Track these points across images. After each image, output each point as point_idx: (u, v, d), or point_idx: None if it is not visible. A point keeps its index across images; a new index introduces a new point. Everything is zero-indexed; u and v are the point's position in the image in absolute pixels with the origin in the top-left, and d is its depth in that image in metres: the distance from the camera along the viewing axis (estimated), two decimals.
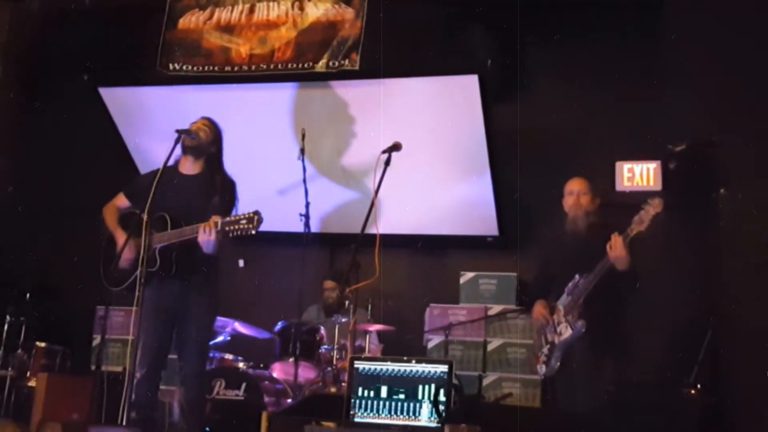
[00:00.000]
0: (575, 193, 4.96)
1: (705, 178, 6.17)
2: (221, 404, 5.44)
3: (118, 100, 7.32)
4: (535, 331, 5.01)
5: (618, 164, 6.63)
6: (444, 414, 3.33)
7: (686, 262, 6.06)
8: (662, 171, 6.49)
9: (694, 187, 6.18)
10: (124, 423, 4.04)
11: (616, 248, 4.51)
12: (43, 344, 6.16)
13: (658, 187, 6.47)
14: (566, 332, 4.66)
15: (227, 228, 4.30)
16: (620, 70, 6.59)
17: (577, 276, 4.70)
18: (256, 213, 4.26)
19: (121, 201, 4.96)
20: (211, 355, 5.78)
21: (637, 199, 6.32)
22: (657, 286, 5.84)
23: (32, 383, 5.83)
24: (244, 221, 4.27)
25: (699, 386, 4.53)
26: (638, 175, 6.57)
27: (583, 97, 6.71)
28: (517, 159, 6.74)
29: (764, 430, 4.51)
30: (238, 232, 4.27)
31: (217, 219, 4.33)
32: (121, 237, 4.66)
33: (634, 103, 6.56)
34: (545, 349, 4.78)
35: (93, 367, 6.38)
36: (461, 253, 7.15)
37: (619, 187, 6.60)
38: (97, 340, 7.01)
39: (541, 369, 4.79)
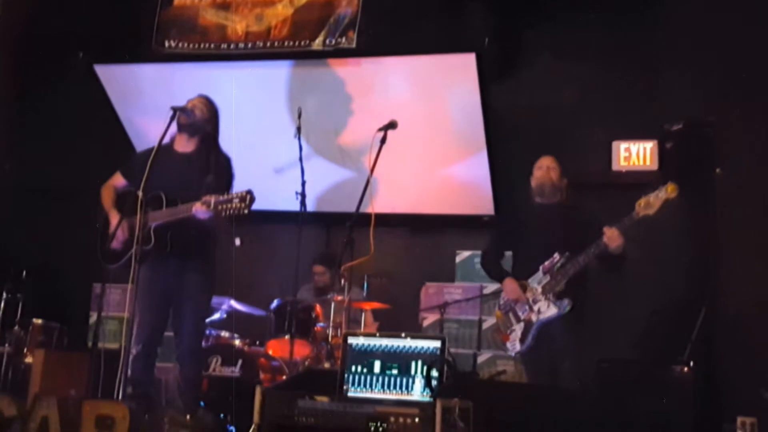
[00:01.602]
0: (544, 167, 4.99)
1: (701, 157, 6.20)
2: (217, 381, 5.49)
3: (114, 77, 7.32)
4: (500, 308, 5.01)
5: (614, 144, 6.64)
6: (436, 389, 3.37)
7: (682, 241, 6.10)
8: (659, 150, 6.50)
9: (691, 166, 6.21)
10: (120, 398, 4.08)
11: (613, 240, 4.53)
12: (39, 321, 6.19)
13: (655, 166, 6.49)
14: (549, 311, 4.68)
15: (220, 207, 4.32)
16: (617, 49, 6.61)
17: (556, 255, 4.72)
18: (249, 192, 4.28)
19: (119, 180, 4.98)
20: (207, 332, 5.82)
21: (635, 178, 6.43)
22: (652, 264, 5.90)
23: (29, 359, 5.88)
24: (236, 200, 4.29)
25: (692, 363, 4.56)
26: (635, 154, 6.58)
27: (580, 77, 6.71)
28: (513, 138, 6.77)
29: (757, 406, 4.56)
30: (231, 212, 4.29)
31: (209, 198, 4.35)
32: (115, 218, 4.69)
33: (631, 82, 6.57)
34: (518, 327, 4.80)
35: (89, 344, 6.42)
36: (457, 232, 7.17)
37: (615, 167, 6.62)
38: (93, 317, 7.05)
39: (514, 346, 4.80)
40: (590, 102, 6.69)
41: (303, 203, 5.62)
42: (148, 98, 7.17)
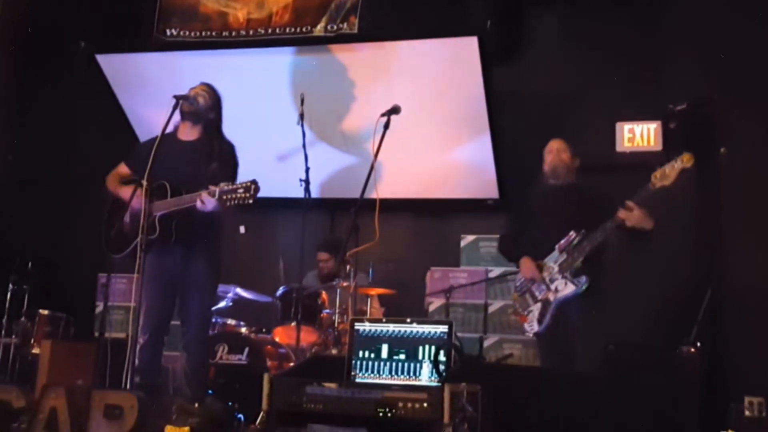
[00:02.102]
0: (554, 150, 5.02)
1: (706, 137, 6.17)
2: (224, 369, 5.50)
3: (116, 67, 7.30)
4: (517, 290, 5.03)
5: (618, 125, 6.62)
6: (444, 374, 3.37)
7: (686, 221, 6.08)
8: (663, 131, 6.48)
9: (695, 146, 6.15)
10: (128, 387, 4.09)
11: (633, 213, 4.52)
12: (46, 312, 6.19)
13: (659, 147, 6.47)
14: (566, 288, 4.68)
15: (224, 197, 4.31)
16: (620, 29, 6.57)
17: (572, 233, 4.72)
18: (254, 182, 4.27)
19: (123, 170, 4.98)
20: (213, 320, 5.83)
21: (639, 159, 6.40)
22: (657, 245, 5.87)
23: (36, 350, 5.90)
24: (241, 190, 4.28)
25: (699, 344, 4.56)
26: (638, 135, 6.56)
27: (583, 58, 6.69)
28: (516, 121, 6.75)
29: (764, 386, 4.56)
30: (236, 202, 4.28)
31: (214, 188, 4.34)
32: (126, 191, 4.67)
33: (634, 63, 6.54)
34: (535, 307, 4.81)
35: (96, 334, 6.44)
36: (462, 216, 7.16)
37: (619, 148, 6.60)
38: (99, 307, 7.05)
39: (532, 327, 4.82)
40: (593, 83, 6.67)
41: (307, 190, 5.61)
42: (150, 87, 7.16)
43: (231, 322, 6.11)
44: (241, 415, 4.97)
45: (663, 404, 3.78)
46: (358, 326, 3.67)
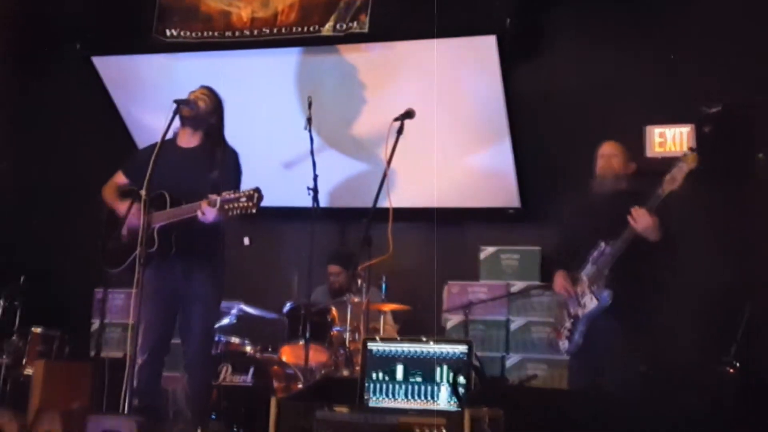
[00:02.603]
0: (606, 155, 4.99)
1: (742, 141, 6.13)
2: (228, 391, 5.46)
3: (113, 69, 7.33)
4: (557, 304, 5.02)
5: (648, 128, 6.56)
6: (464, 397, 3.33)
7: (722, 231, 6.02)
8: (696, 135, 6.42)
9: (730, 151, 6.13)
10: (125, 411, 4.06)
11: (640, 220, 4.50)
12: (39, 329, 6.19)
13: None
14: (591, 304, 4.65)
15: (226, 206, 4.29)
16: (648, 26, 6.52)
17: (602, 243, 4.69)
18: (257, 190, 4.26)
19: (120, 179, 4.99)
20: (216, 338, 5.80)
21: (670, 165, 6.34)
22: (690, 256, 5.80)
23: (29, 371, 5.87)
24: (243, 199, 4.26)
25: (738, 364, 4.50)
26: (670, 139, 6.51)
27: (610, 57, 6.64)
28: (538, 125, 6.71)
29: None
30: (238, 211, 4.27)
31: (214, 197, 4.33)
32: (122, 206, 4.68)
33: (665, 62, 6.49)
34: (568, 324, 4.78)
35: (92, 353, 6.41)
36: (481, 227, 7.13)
37: (649, 153, 6.53)
38: (96, 324, 7.06)
39: (564, 345, 4.79)
40: (621, 84, 6.62)
41: (315, 199, 5.59)
42: (149, 91, 7.18)
43: (235, 340, 6.08)
44: None
45: (700, 427, 3.73)
46: (371, 345, 3.63)
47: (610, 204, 4.82)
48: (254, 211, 4.25)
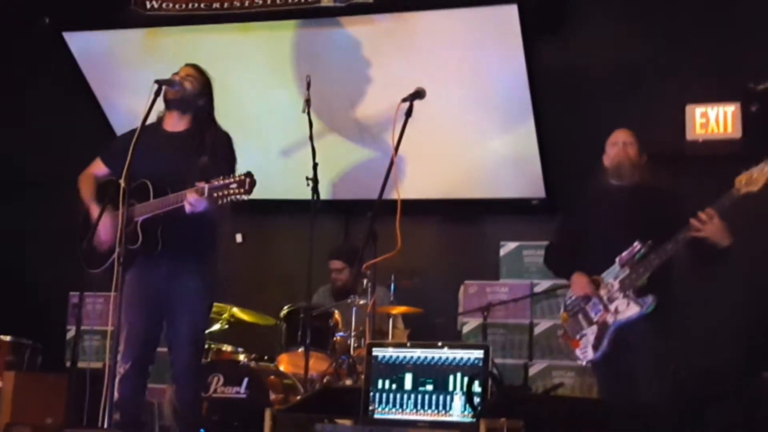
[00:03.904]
0: (620, 143, 5.00)
1: None
2: (219, 403, 5.53)
3: (87, 47, 7.36)
4: (567, 309, 5.03)
5: (689, 108, 6.60)
6: (479, 407, 3.38)
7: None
8: (742, 115, 6.46)
9: None
10: (105, 426, 4.12)
11: (709, 224, 4.52)
12: (8, 338, 6.23)
13: (738, 134, 6.45)
14: (629, 310, 4.66)
15: (215, 194, 4.32)
16: None
17: (637, 244, 4.72)
18: (248, 174, 4.28)
19: (99, 168, 5.00)
20: (206, 346, 5.87)
21: (713, 149, 6.39)
22: (734, 258, 5.86)
23: None
24: (234, 185, 4.28)
25: None
26: (713, 120, 6.55)
27: (645, 29, 6.68)
28: (565, 106, 6.74)
29: None
30: (228, 198, 4.30)
31: (202, 185, 4.37)
32: (95, 210, 4.72)
33: (707, 33, 6.53)
34: (589, 330, 4.81)
35: (68, 363, 6.49)
36: (501, 220, 7.19)
37: (690, 136, 6.58)
38: (71, 331, 7.10)
39: (585, 354, 4.82)
40: (658, 59, 6.66)
41: (315, 190, 5.63)
42: (127, 71, 7.21)
43: (227, 348, 6.15)
44: None
45: None
46: (377, 352, 3.68)
47: (635, 198, 4.86)
48: (246, 197, 4.28)
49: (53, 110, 7.60)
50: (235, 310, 6.24)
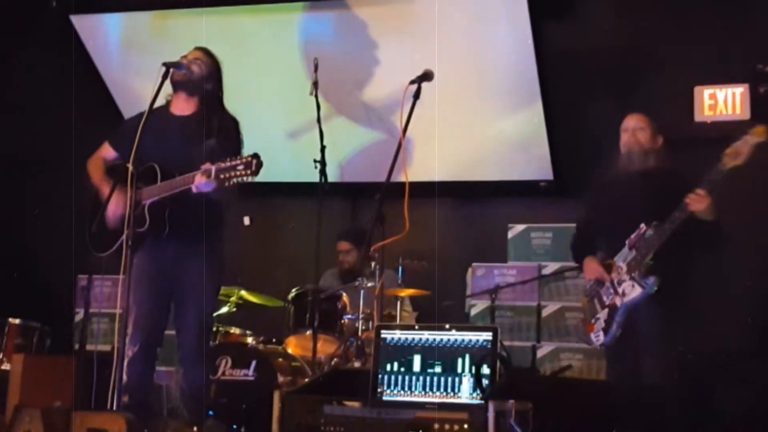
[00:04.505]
0: (630, 130, 5.02)
1: None
2: (227, 386, 5.54)
3: (95, 30, 7.36)
4: (585, 293, 5.08)
5: (697, 89, 6.59)
6: (488, 389, 3.38)
7: None
8: (750, 96, 6.44)
9: None
10: (114, 408, 4.13)
11: (696, 201, 4.53)
12: (17, 321, 6.26)
13: (746, 115, 6.43)
14: (633, 291, 4.69)
15: (222, 176, 4.32)
16: None
17: (643, 225, 4.73)
18: (255, 156, 4.28)
19: (107, 152, 5.00)
20: (214, 329, 5.88)
21: (722, 130, 6.36)
22: (742, 237, 5.84)
23: (6, 366, 5.97)
24: (241, 167, 4.29)
25: None
26: (722, 101, 6.53)
27: (653, 9, 6.64)
28: (573, 87, 6.72)
29: None
30: (235, 180, 4.31)
31: (209, 167, 4.37)
32: (106, 188, 4.73)
33: (716, 14, 6.49)
34: (602, 314, 4.84)
35: (76, 346, 6.51)
36: (509, 202, 7.19)
37: (698, 117, 6.57)
38: (80, 314, 7.12)
39: (598, 337, 4.85)
40: (666, 39, 6.62)
41: (323, 173, 5.63)
42: (135, 54, 7.21)
43: (235, 330, 6.16)
44: None
45: (748, 422, 3.78)
46: (386, 334, 3.69)
47: (645, 182, 4.86)
48: (253, 179, 4.29)
49: (61, 94, 7.58)
50: (243, 293, 6.24)
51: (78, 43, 7.35)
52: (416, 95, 4.53)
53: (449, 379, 3.54)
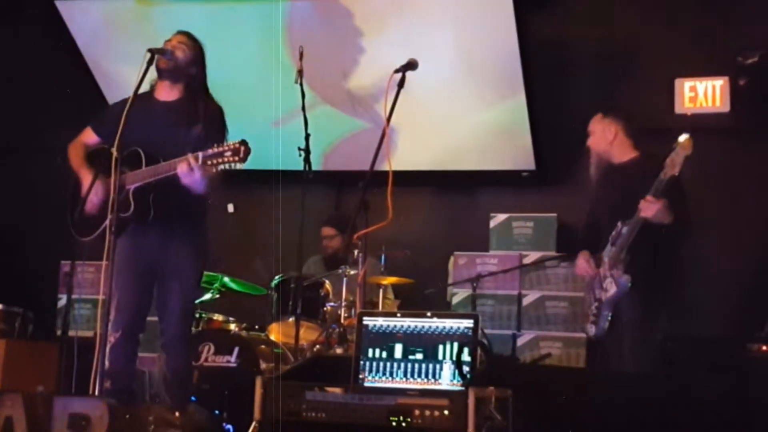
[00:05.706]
0: (597, 132, 5.09)
1: None
2: (210, 372, 5.54)
3: (80, 16, 7.30)
4: (585, 287, 5.15)
5: (677, 81, 6.61)
6: (468, 376, 3.39)
7: (757, 197, 6.08)
8: (730, 89, 6.47)
9: None
10: (96, 394, 4.12)
11: (647, 208, 4.60)
12: None
13: (726, 108, 6.47)
14: (611, 289, 4.76)
15: (209, 162, 4.32)
16: None
17: (619, 224, 4.81)
18: (243, 143, 4.29)
19: (89, 136, 4.98)
20: (197, 315, 5.87)
21: (702, 122, 6.39)
22: (721, 226, 5.88)
23: None
24: (228, 153, 4.29)
25: None
26: (702, 94, 6.56)
27: (635, 3, 6.67)
28: (556, 78, 6.73)
29: None
30: (223, 167, 4.30)
31: (196, 153, 4.36)
32: (86, 176, 4.70)
33: (696, 7, 6.52)
34: (593, 308, 4.91)
35: (59, 332, 6.48)
36: (491, 191, 7.19)
37: (678, 109, 6.60)
38: (63, 300, 7.10)
39: (591, 329, 4.93)
40: (647, 32, 6.65)
41: (307, 161, 5.62)
42: (120, 40, 7.16)
43: (218, 317, 6.15)
44: (230, 426, 5.02)
45: (729, 409, 3.80)
46: (368, 321, 3.69)
47: (619, 181, 4.94)
48: (241, 165, 4.29)
49: (45, 79, 7.55)
50: (226, 280, 6.23)
51: (63, 28, 7.29)
52: (400, 84, 4.54)
53: (430, 366, 3.55)
